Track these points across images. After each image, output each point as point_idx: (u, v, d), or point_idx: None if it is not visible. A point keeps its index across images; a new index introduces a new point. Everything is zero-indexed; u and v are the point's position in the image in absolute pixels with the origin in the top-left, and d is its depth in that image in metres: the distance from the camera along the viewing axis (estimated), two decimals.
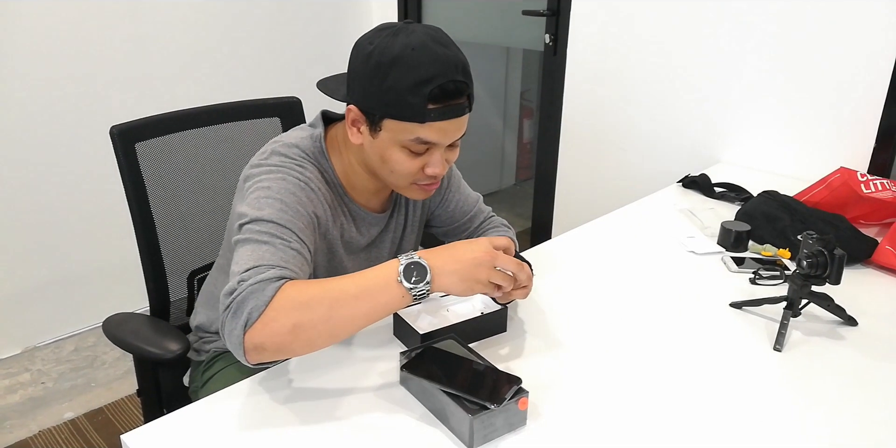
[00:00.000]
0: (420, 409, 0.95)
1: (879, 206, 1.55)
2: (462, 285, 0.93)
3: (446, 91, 0.96)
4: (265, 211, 0.98)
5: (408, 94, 0.96)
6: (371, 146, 1.05)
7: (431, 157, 1.04)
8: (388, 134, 1.02)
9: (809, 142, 1.91)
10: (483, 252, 0.93)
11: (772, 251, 1.46)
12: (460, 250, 0.94)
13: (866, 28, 1.74)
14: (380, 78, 0.97)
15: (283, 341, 0.86)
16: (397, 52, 0.96)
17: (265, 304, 0.86)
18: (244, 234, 0.97)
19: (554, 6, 2.38)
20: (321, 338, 0.89)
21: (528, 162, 3.93)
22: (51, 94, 2.23)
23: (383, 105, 0.99)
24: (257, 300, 0.86)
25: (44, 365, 2.35)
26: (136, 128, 1.34)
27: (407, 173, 1.05)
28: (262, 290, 0.87)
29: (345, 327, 0.90)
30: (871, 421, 0.96)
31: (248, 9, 2.63)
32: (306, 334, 0.87)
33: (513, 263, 0.96)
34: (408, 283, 0.90)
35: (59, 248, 2.38)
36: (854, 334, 1.17)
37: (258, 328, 0.85)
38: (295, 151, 1.08)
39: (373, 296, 0.90)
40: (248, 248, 0.94)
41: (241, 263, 0.92)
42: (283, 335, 0.86)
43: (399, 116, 0.99)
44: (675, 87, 2.14)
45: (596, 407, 0.97)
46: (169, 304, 1.44)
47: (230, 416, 0.93)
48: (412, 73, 0.95)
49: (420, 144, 1.02)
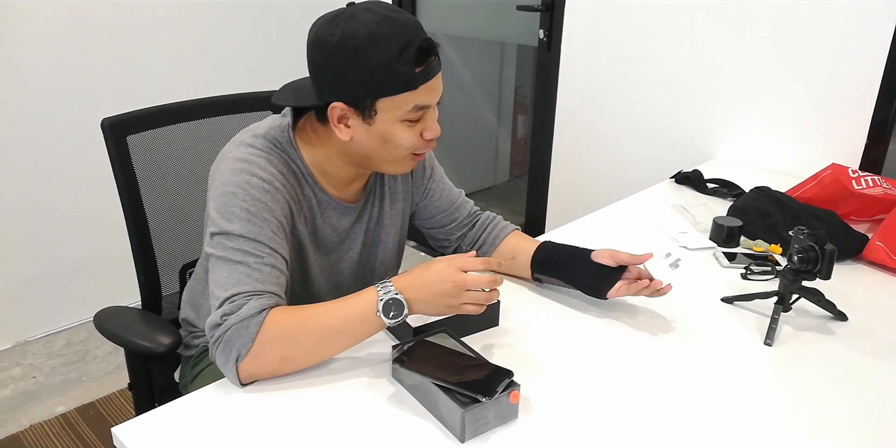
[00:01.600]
0: (412, 402, 0.95)
1: (870, 203, 1.56)
2: (435, 311, 1.01)
3: (424, 50, 0.99)
4: (234, 224, 1.00)
5: (394, 64, 0.98)
6: (367, 134, 1.05)
7: (426, 122, 1.06)
8: (385, 114, 1.02)
9: (801, 138, 1.92)
10: (451, 282, 0.98)
11: (763, 246, 1.46)
12: (431, 280, 0.99)
13: (858, 25, 1.74)
14: (360, 60, 0.98)
15: (273, 370, 0.97)
16: (367, 30, 0.97)
17: (251, 340, 0.93)
18: (216, 248, 1.00)
19: (548, 2, 2.38)
20: (307, 364, 1.00)
21: (523, 158, 3.93)
22: (42, 87, 2.22)
23: (373, 86, 0.99)
24: (243, 338, 0.93)
25: (35, 359, 2.34)
26: (127, 120, 1.33)
27: (410, 145, 1.07)
28: (245, 327, 0.93)
29: (329, 355, 1.01)
30: (860, 414, 0.96)
31: (243, 2, 2.61)
32: (294, 363, 0.98)
33: (484, 280, 1.00)
34: (386, 318, 0.97)
35: (50, 241, 2.37)
36: (844, 329, 1.18)
37: (249, 361, 0.94)
38: (261, 142, 1.07)
39: (355, 329, 0.99)
40: (224, 269, 0.99)
41: (221, 287, 0.98)
42: (273, 365, 0.96)
43: (392, 91, 1.00)
44: (668, 83, 2.14)
45: (587, 400, 0.97)
46: (161, 298, 1.44)
47: (221, 410, 0.93)
48: (390, 44, 0.97)
49: (417, 111, 1.03)
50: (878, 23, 1.71)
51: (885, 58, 1.72)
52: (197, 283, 1.26)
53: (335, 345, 0.99)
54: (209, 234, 1.02)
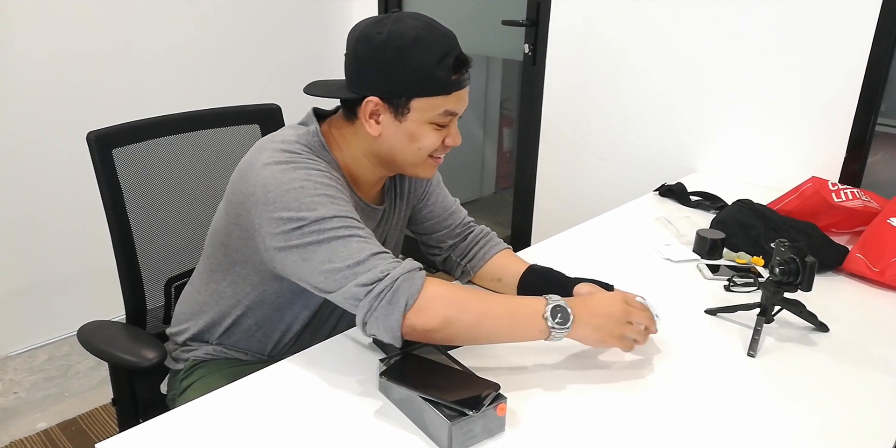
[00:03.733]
0: (399, 415, 0.95)
1: (850, 215, 1.58)
2: (596, 336, 1.02)
3: (461, 61, 1.06)
4: (321, 210, 1.00)
5: (435, 69, 1.03)
6: (396, 131, 1.08)
7: (451, 129, 1.11)
8: (417, 114, 1.06)
9: (782, 152, 1.95)
10: (619, 309, 1.03)
11: (746, 259, 1.48)
12: (599, 304, 1.04)
13: (838, 40, 1.78)
14: (404, 60, 1.02)
15: (433, 327, 0.97)
16: (414, 34, 1.02)
17: (418, 291, 0.96)
18: (310, 236, 0.98)
19: (533, 16, 2.40)
20: (459, 338, 1.01)
21: (508, 170, 3.95)
22: (28, 99, 2.20)
23: (412, 85, 1.04)
24: (411, 288, 0.96)
25: (16, 374, 2.31)
26: (113, 134, 1.33)
27: (432, 148, 1.11)
28: (412, 279, 0.97)
29: (482, 337, 1.02)
30: (842, 424, 0.97)
31: (228, 15, 2.62)
32: (452, 329, 0.98)
33: (646, 318, 1.05)
34: (552, 320, 0.99)
35: (34, 255, 2.35)
36: (825, 340, 1.19)
37: (414, 312, 0.96)
38: (298, 147, 1.08)
39: (517, 321, 1.00)
40: (335, 245, 0.98)
41: (344, 258, 0.97)
42: (434, 323, 0.96)
43: (428, 92, 1.05)
44: (652, 97, 2.17)
45: (574, 413, 0.98)
46: (146, 312, 1.43)
47: (207, 425, 0.93)
48: (433, 49, 1.03)
49: (446, 117, 1.08)
50: (856, 38, 1.75)
51: (862, 72, 1.76)
52: (198, 294, 1.22)
53: (494, 330, 1.00)
54: (285, 231, 0.99)
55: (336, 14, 2.95)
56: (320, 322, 1.22)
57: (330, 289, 0.99)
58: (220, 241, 1.14)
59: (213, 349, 1.23)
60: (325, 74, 1.10)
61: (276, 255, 1.03)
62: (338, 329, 1.22)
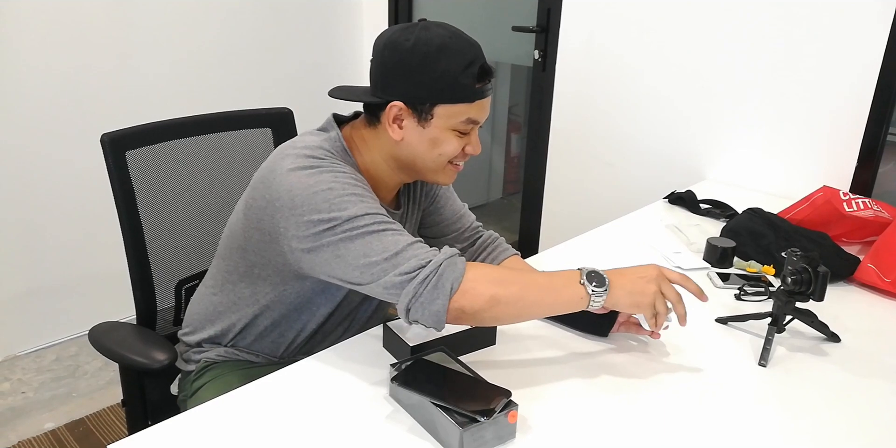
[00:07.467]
0: (410, 421, 0.95)
1: (861, 225, 1.58)
2: (630, 298, 1.02)
3: (485, 70, 1.07)
4: (352, 209, 1.01)
5: (460, 76, 1.05)
6: (419, 136, 1.09)
7: (471, 137, 1.13)
8: (440, 120, 1.08)
9: (793, 160, 1.94)
10: (654, 270, 1.04)
11: (756, 267, 1.48)
12: (633, 269, 1.05)
13: (849, 49, 1.78)
14: (430, 66, 1.04)
15: (480, 308, 0.98)
16: (441, 42, 1.04)
17: (461, 275, 0.97)
18: (342, 233, 0.99)
19: (543, 23, 2.41)
20: (508, 315, 1.02)
21: (516, 176, 3.95)
22: (41, 101, 2.22)
23: (437, 91, 1.06)
24: (455, 272, 0.97)
25: (24, 374, 2.32)
26: (126, 136, 1.34)
27: (453, 154, 1.12)
28: (454, 264, 0.98)
29: (529, 311, 1.03)
30: (854, 435, 0.97)
31: (241, 19, 2.63)
32: (499, 307, 0.99)
33: (685, 277, 1.06)
34: (590, 285, 1.00)
35: (45, 255, 2.36)
36: (837, 350, 1.19)
37: (460, 295, 0.97)
38: (321, 152, 1.09)
39: (558, 290, 1.01)
40: (370, 240, 0.99)
41: (381, 251, 0.98)
42: (482, 303, 0.97)
43: (452, 99, 1.06)
44: (661, 104, 2.17)
45: (584, 420, 0.97)
46: (156, 314, 1.43)
47: (218, 428, 0.93)
48: (459, 57, 1.05)
49: (468, 124, 1.10)
50: (868, 46, 1.75)
51: (874, 81, 1.76)
52: (214, 296, 1.22)
53: (537, 302, 1.01)
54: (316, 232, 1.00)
55: (347, 20, 2.96)
56: (333, 324, 1.22)
57: (366, 281, 1.00)
58: (237, 244, 1.14)
59: (225, 351, 1.23)
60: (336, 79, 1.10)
61: (305, 257, 1.03)
62: (348, 333, 1.23)
